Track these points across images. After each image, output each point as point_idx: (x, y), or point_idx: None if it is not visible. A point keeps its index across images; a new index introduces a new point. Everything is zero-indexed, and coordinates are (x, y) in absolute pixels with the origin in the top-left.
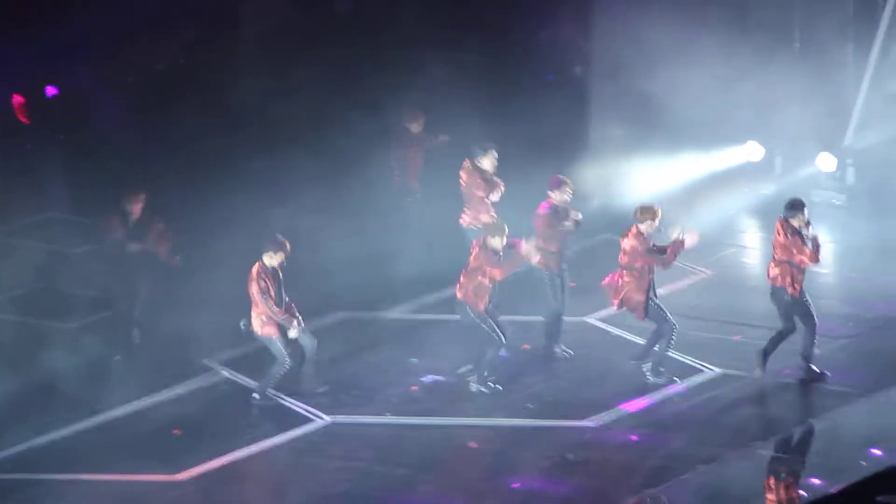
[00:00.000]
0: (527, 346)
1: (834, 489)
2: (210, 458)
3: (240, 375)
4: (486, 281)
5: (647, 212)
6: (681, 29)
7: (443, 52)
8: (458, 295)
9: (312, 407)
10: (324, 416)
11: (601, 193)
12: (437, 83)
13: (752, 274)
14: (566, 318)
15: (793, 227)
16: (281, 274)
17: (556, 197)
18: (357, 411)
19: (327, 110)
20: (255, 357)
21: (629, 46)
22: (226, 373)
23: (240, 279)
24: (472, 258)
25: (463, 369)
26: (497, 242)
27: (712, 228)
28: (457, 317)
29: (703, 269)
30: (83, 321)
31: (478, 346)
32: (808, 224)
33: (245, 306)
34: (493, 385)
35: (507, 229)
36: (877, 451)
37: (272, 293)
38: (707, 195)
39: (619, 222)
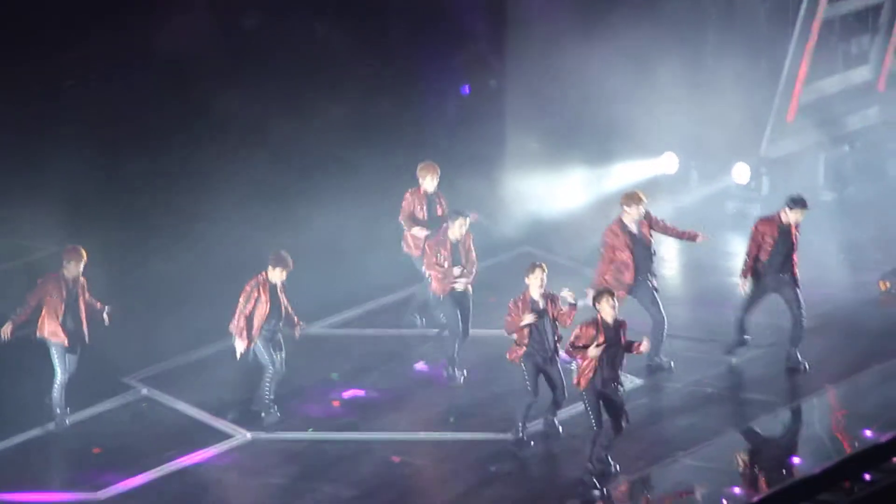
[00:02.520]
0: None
1: (755, 498)
2: (131, 476)
3: (159, 393)
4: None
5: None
6: (595, 43)
7: (355, 67)
8: None
9: (233, 423)
10: (245, 432)
11: (518, 206)
12: (351, 99)
13: (670, 284)
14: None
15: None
16: (281, 291)
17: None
18: (279, 427)
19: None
20: (175, 374)
21: (544, 60)
22: (145, 391)
23: (158, 297)
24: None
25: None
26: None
27: None
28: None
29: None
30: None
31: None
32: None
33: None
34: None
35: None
36: (797, 460)
37: (249, 309)
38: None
39: (537, 235)
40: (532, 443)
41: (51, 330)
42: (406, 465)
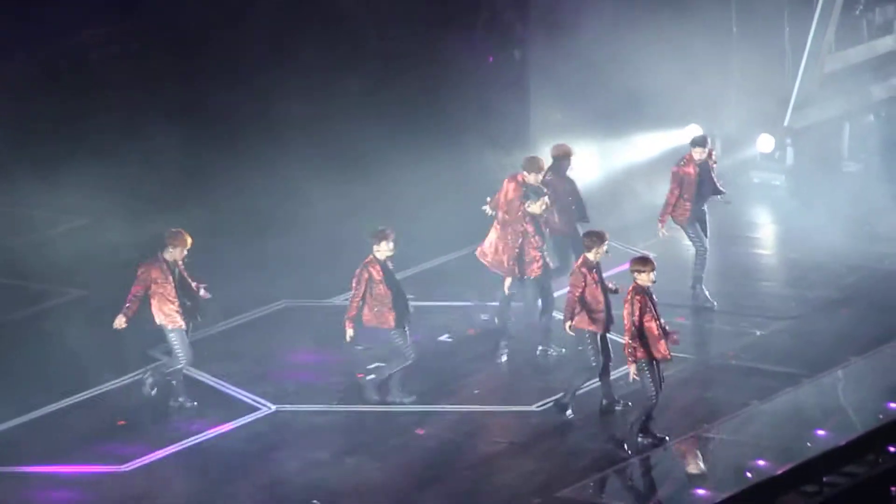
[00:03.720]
0: (472, 331)
1: (780, 470)
2: (156, 449)
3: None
4: None
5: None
6: (620, 14)
7: (374, 39)
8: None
9: (258, 396)
10: (270, 404)
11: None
12: (373, 71)
13: (693, 256)
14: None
15: None
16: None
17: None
18: (303, 400)
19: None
20: (200, 347)
21: (568, 31)
22: None
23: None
24: None
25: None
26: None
27: (653, 211)
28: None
29: (643, 252)
30: (26, 312)
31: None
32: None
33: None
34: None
35: None
36: (822, 433)
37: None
38: (647, 178)
39: None
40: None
41: (168, 317)
42: (430, 438)
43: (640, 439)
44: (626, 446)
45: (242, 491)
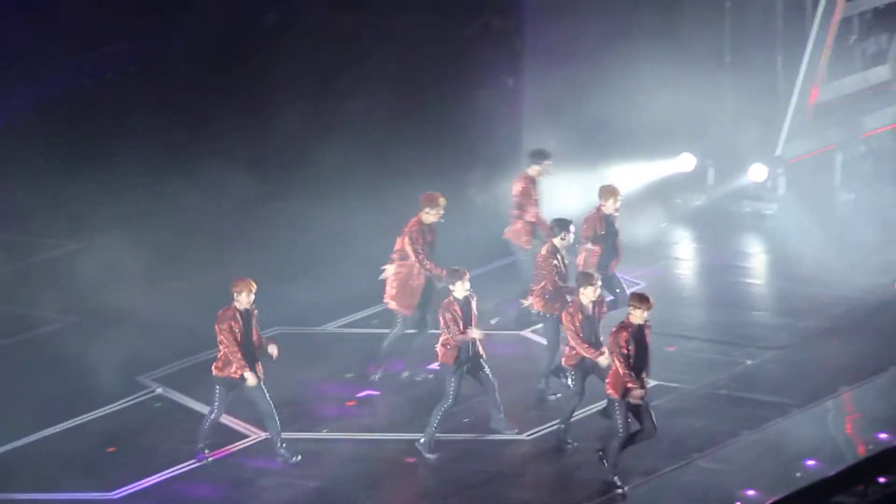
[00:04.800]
0: None
1: (769, 501)
2: (146, 476)
3: (174, 392)
4: None
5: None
6: (614, 42)
7: (368, 62)
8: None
9: (248, 423)
10: (260, 432)
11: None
12: (365, 91)
13: (686, 285)
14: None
15: None
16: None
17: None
18: (293, 427)
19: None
20: (189, 374)
21: (562, 58)
22: (160, 390)
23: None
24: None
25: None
26: None
27: (645, 240)
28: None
29: (635, 281)
30: (16, 338)
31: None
32: None
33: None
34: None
35: None
36: (812, 463)
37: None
38: (639, 206)
39: None
40: (547, 444)
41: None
42: (421, 466)
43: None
44: (613, 482)
45: None
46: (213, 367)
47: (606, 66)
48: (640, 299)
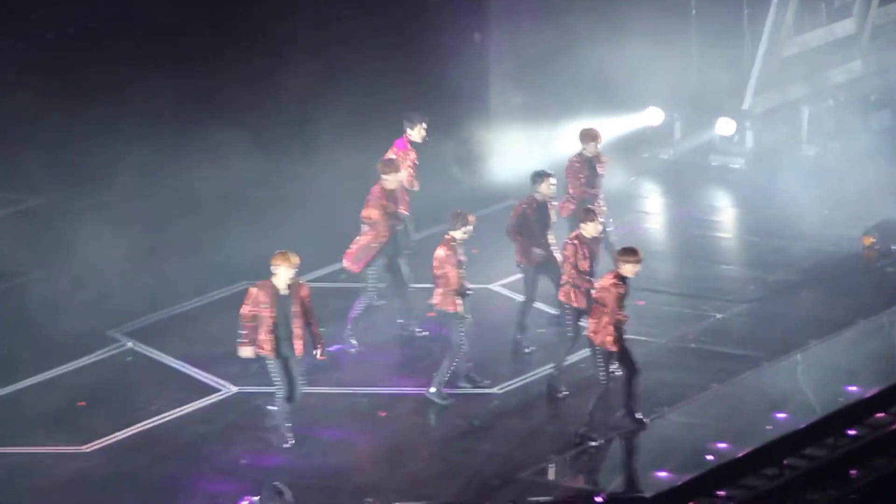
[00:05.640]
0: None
1: (740, 453)
2: (117, 429)
3: (145, 346)
4: None
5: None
6: None
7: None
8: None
9: (219, 377)
10: (231, 386)
11: (503, 159)
12: (331, 51)
13: (654, 239)
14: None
15: None
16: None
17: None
18: (264, 381)
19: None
20: (161, 327)
21: (530, 13)
22: (131, 344)
23: (145, 250)
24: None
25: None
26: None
27: (613, 194)
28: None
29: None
30: None
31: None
32: None
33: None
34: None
35: None
36: (782, 415)
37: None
38: (607, 161)
39: (520, 189)
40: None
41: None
42: (392, 420)
43: (624, 418)
44: (586, 434)
45: (204, 472)
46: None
47: (573, 20)
48: (630, 252)
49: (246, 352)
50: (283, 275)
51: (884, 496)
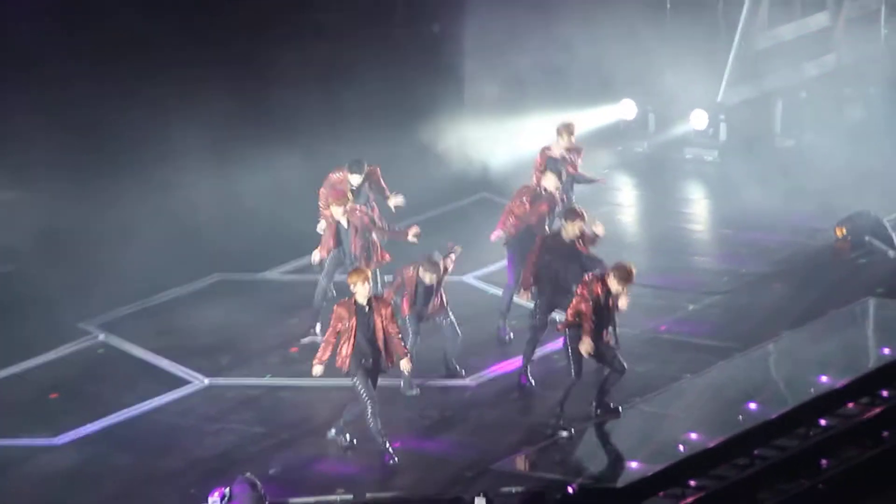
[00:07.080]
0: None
1: (711, 443)
2: (89, 421)
3: (117, 338)
4: None
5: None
6: None
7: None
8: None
9: (192, 369)
10: (203, 378)
11: (477, 151)
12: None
13: (628, 231)
14: None
15: None
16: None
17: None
18: (236, 373)
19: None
20: (132, 320)
21: (503, 4)
22: (103, 336)
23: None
24: None
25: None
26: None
27: (587, 187)
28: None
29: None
30: None
31: None
32: None
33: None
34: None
35: None
36: (753, 406)
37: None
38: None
39: (494, 182)
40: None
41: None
42: None
43: (596, 411)
44: (557, 425)
45: (175, 464)
46: None
47: (547, 11)
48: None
49: (318, 370)
50: (361, 291)
51: (854, 486)
